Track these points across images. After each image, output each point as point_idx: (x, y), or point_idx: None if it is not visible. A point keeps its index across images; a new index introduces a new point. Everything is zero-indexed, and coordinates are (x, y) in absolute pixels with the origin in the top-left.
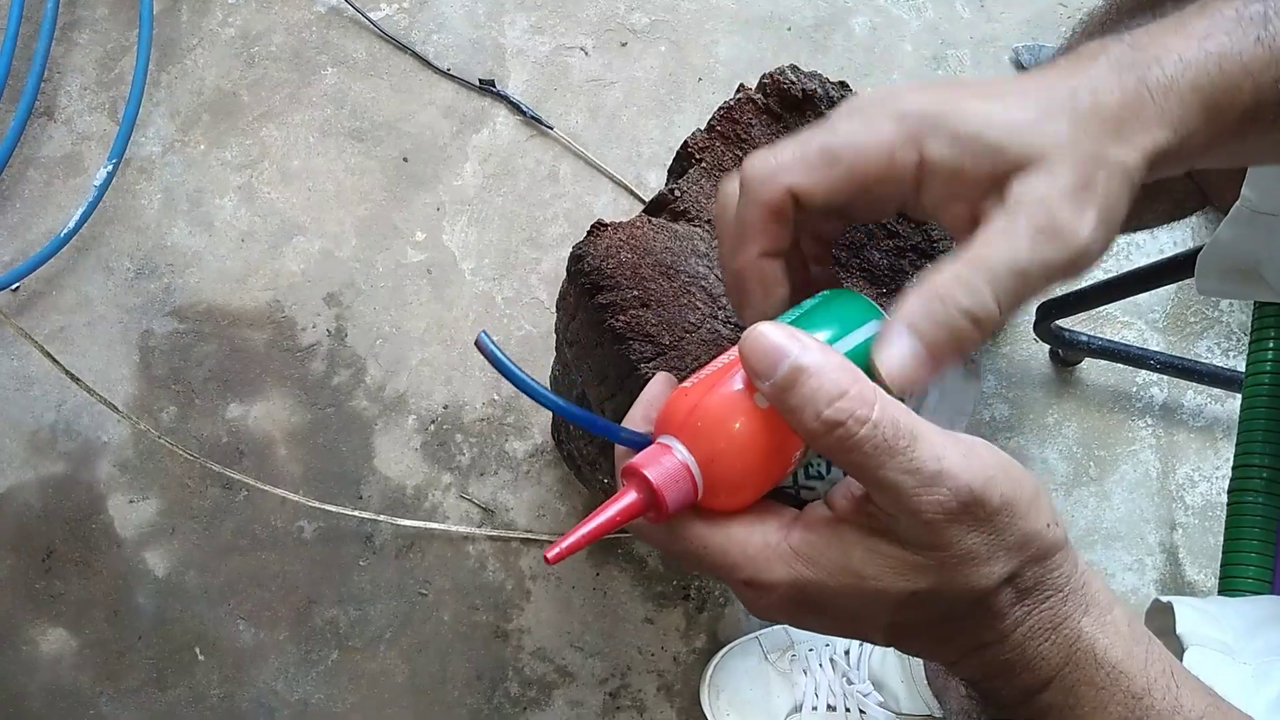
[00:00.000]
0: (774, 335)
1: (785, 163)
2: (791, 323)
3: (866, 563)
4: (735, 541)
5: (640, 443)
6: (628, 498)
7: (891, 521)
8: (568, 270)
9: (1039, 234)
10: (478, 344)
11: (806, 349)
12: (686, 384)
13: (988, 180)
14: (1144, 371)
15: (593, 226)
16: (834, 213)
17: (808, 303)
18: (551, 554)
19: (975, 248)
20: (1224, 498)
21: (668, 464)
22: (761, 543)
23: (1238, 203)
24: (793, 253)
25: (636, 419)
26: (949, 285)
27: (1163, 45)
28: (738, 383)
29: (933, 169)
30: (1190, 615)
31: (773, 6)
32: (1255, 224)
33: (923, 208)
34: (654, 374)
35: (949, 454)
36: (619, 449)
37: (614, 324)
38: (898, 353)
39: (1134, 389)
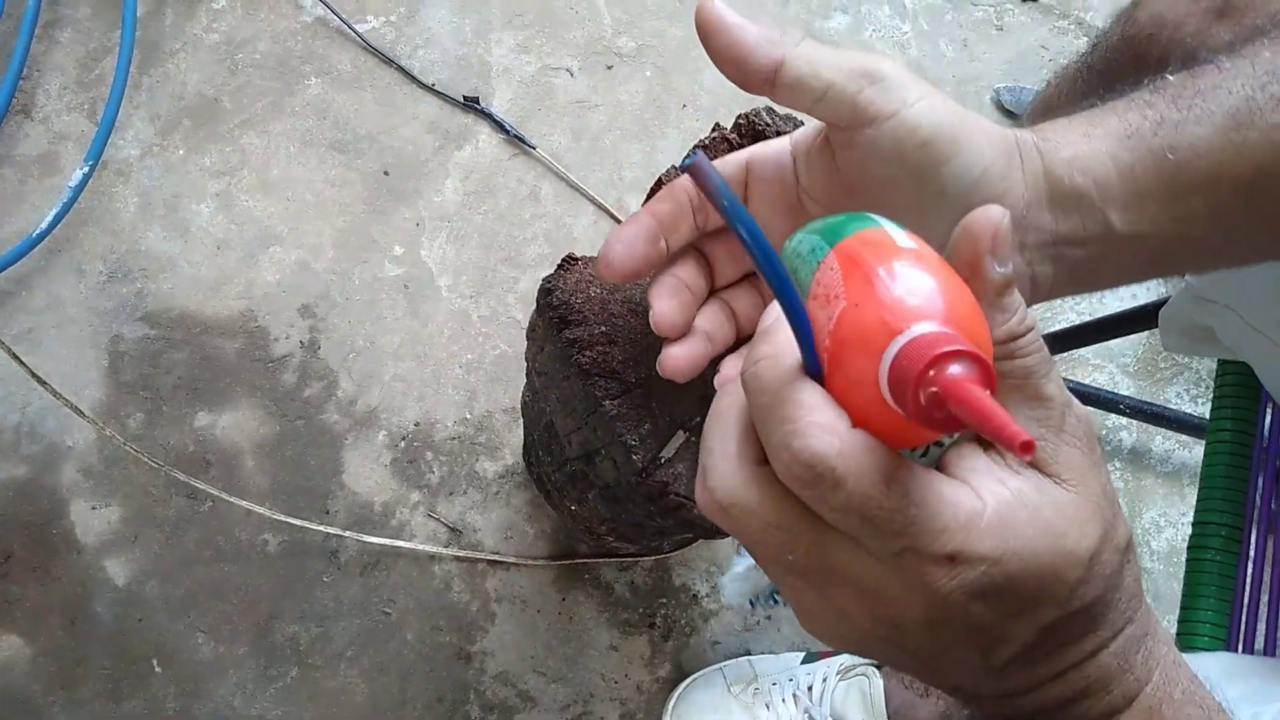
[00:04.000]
0: None
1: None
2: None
3: (1055, 516)
4: (947, 501)
5: (811, 365)
6: (971, 376)
7: (1043, 448)
8: (537, 302)
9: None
10: (691, 168)
11: None
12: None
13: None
14: (1114, 415)
15: (564, 260)
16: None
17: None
18: (1024, 440)
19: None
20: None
21: (972, 346)
22: (971, 508)
23: (1183, 285)
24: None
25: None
26: None
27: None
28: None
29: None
30: None
31: None
32: (1200, 305)
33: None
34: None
35: (1063, 385)
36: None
37: (580, 359)
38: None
39: (1104, 432)
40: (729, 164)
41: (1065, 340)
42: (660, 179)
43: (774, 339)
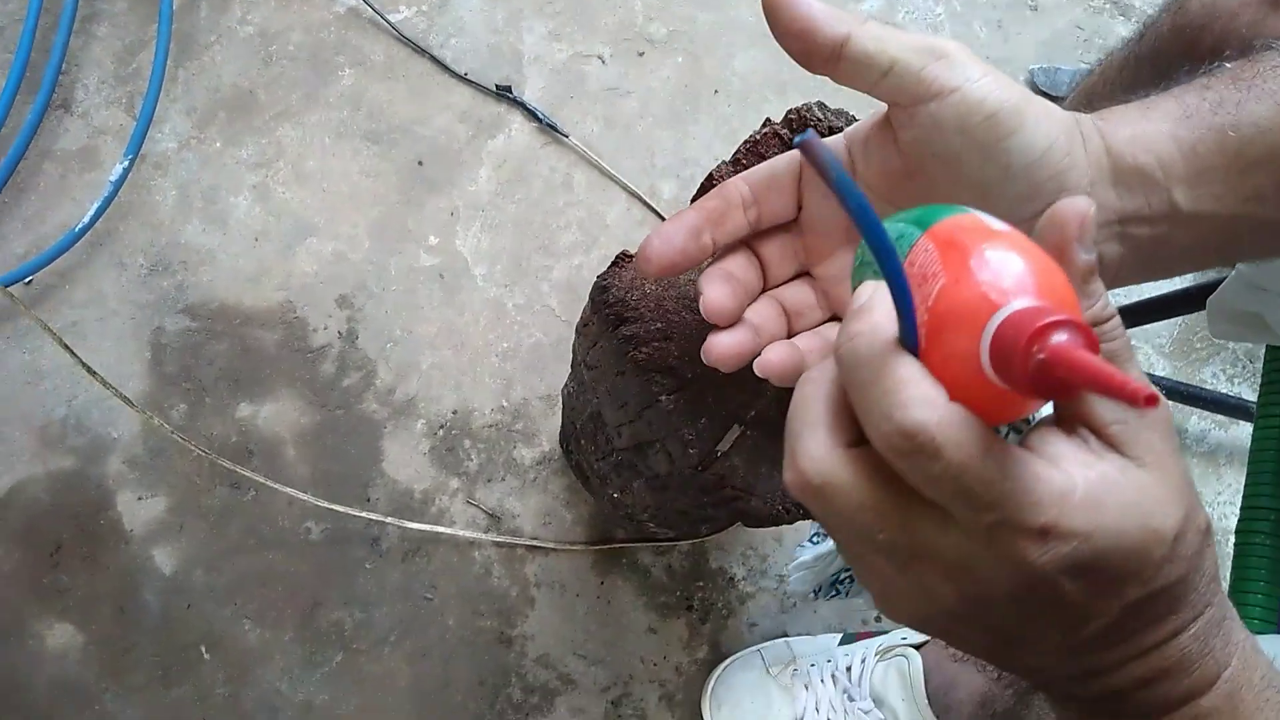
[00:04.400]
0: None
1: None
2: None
3: (1140, 496)
4: (1041, 477)
5: (909, 339)
6: (1078, 342)
7: (1124, 430)
8: (591, 299)
9: None
10: (804, 145)
11: None
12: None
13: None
14: None
15: (618, 257)
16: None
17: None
18: (1148, 393)
19: None
20: (1226, 523)
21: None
22: (1064, 484)
23: (1233, 272)
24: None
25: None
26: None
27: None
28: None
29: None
30: None
31: None
32: (1252, 292)
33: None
34: (672, 404)
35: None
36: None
37: (636, 355)
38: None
39: None
40: (779, 167)
41: None
42: (711, 175)
43: (869, 316)
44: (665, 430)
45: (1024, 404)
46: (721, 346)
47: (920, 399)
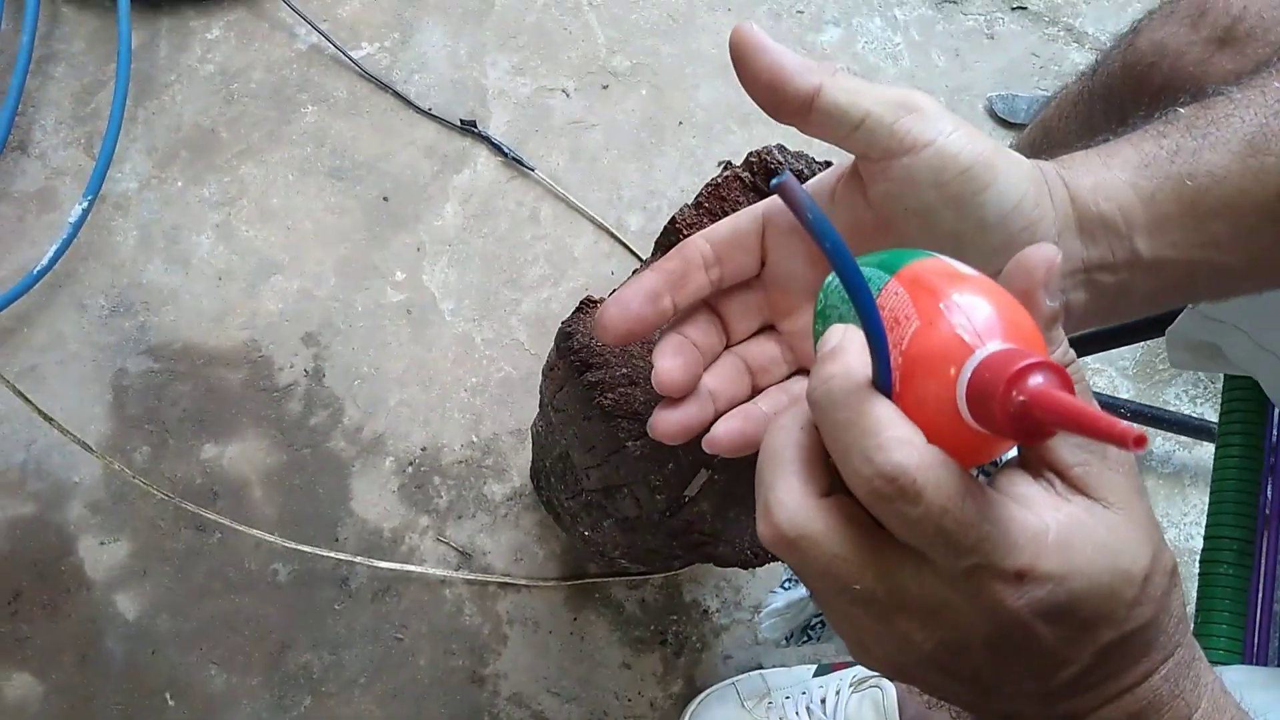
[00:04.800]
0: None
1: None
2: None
3: (1108, 537)
4: (1015, 519)
5: (884, 382)
6: (1056, 385)
7: (1088, 471)
8: (557, 346)
9: None
10: (780, 187)
11: None
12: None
13: None
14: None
15: (581, 303)
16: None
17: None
18: (1136, 434)
19: None
20: (1192, 543)
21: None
22: (1038, 526)
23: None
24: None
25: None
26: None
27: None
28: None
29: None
30: None
31: None
32: (1207, 323)
33: None
34: (639, 449)
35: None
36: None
37: (603, 401)
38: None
39: None
40: (742, 223)
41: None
42: (674, 218)
43: (842, 358)
44: (633, 475)
45: (996, 446)
46: (665, 423)
47: (900, 441)
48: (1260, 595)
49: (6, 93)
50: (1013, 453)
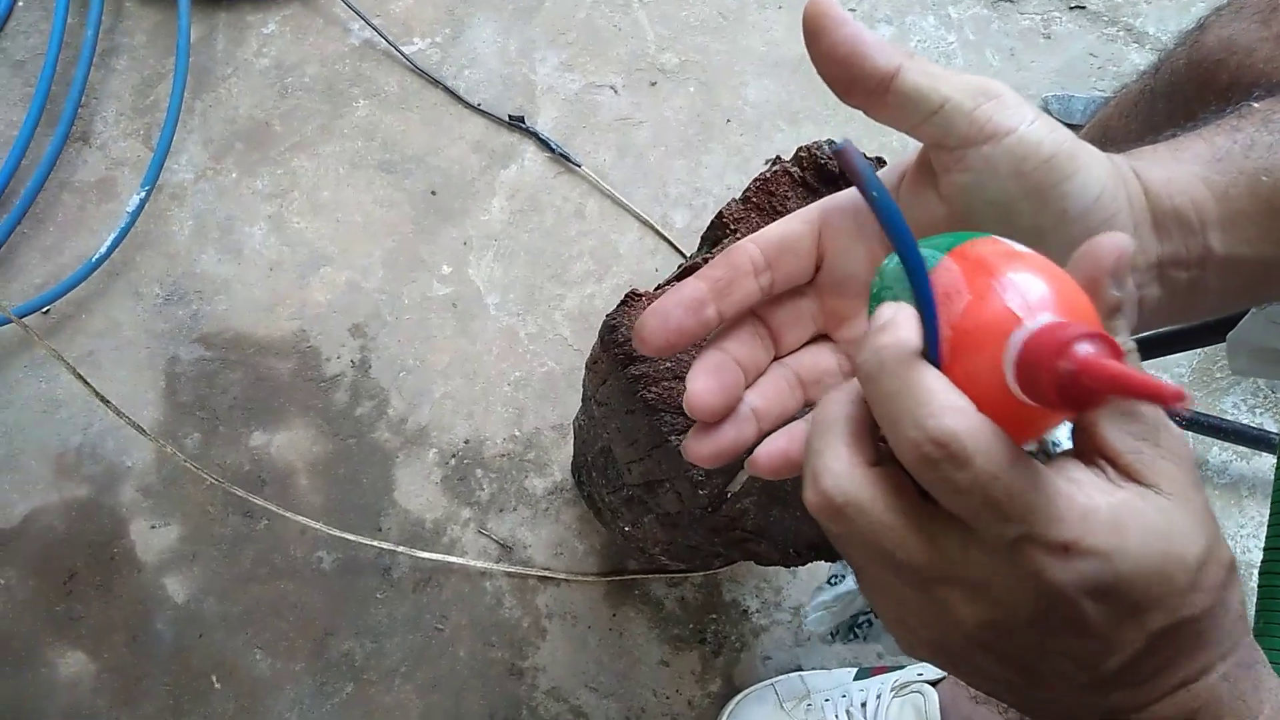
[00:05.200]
0: None
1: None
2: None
3: (1160, 521)
4: (1062, 493)
5: (933, 353)
6: (1107, 354)
7: (1140, 459)
8: (601, 339)
9: None
10: (840, 153)
11: None
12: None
13: None
14: None
15: (627, 296)
16: None
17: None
18: (1175, 390)
19: None
20: (1249, 556)
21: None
22: (1088, 502)
23: (1254, 308)
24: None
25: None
26: None
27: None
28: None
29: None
30: None
31: (803, 50)
32: (1274, 327)
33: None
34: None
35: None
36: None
37: (646, 395)
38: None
39: None
40: (794, 227)
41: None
42: (721, 213)
43: (895, 330)
44: (675, 470)
45: (1045, 421)
46: (697, 449)
47: (951, 407)
48: None
49: (70, 84)
50: (1067, 444)
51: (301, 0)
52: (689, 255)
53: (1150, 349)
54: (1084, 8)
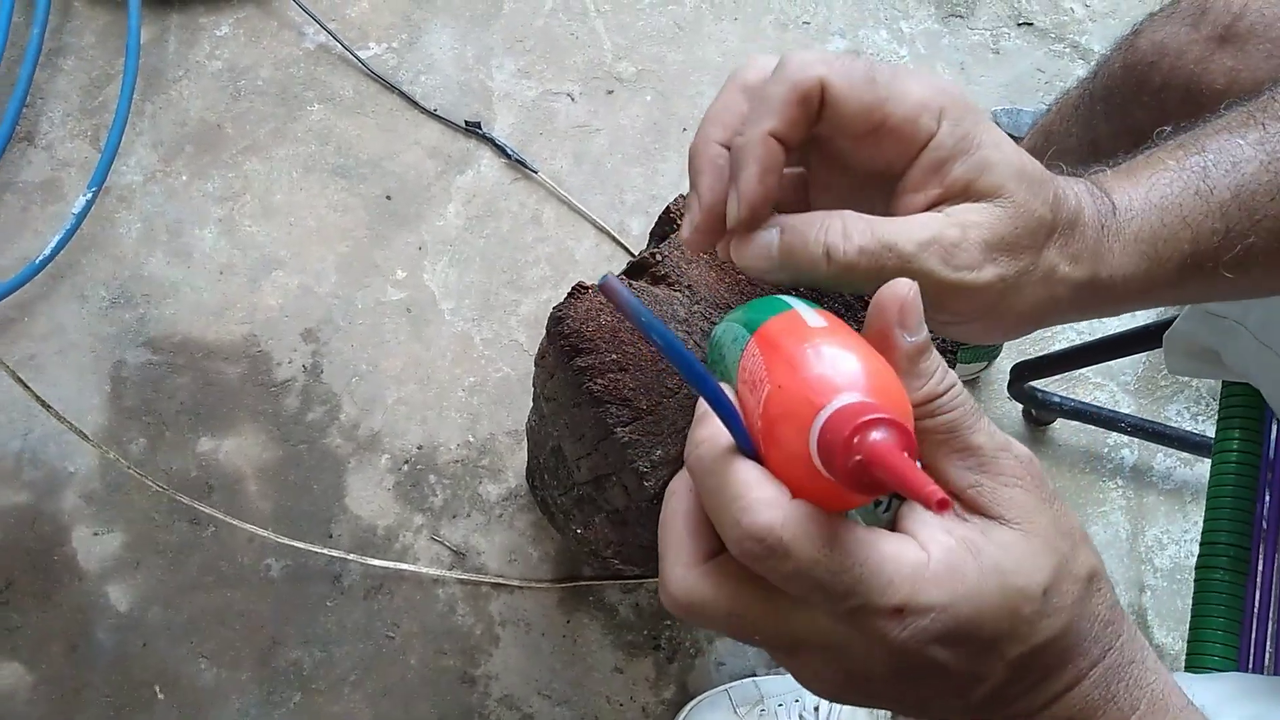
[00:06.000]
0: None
1: (826, 59)
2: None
3: (1001, 557)
4: (888, 557)
5: (745, 446)
6: (891, 441)
7: (980, 493)
8: (547, 330)
9: (935, 243)
10: (605, 288)
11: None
12: (821, 350)
13: (961, 185)
14: (1115, 433)
15: (574, 288)
16: (843, 148)
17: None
18: (940, 498)
19: (884, 216)
20: (1192, 561)
21: (889, 412)
22: (915, 560)
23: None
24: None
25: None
26: (834, 218)
27: (1114, 189)
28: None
29: (936, 145)
30: None
31: None
32: (1209, 322)
33: (903, 181)
34: (627, 436)
35: (996, 431)
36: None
37: (592, 387)
38: (762, 235)
39: (1105, 450)
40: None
41: (1066, 360)
42: (669, 208)
43: (711, 422)
44: (621, 462)
45: (859, 496)
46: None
47: (764, 502)
48: (1256, 604)
49: (15, 84)
50: None
51: (256, 3)
52: (637, 253)
53: (1095, 356)
54: (1032, 25)
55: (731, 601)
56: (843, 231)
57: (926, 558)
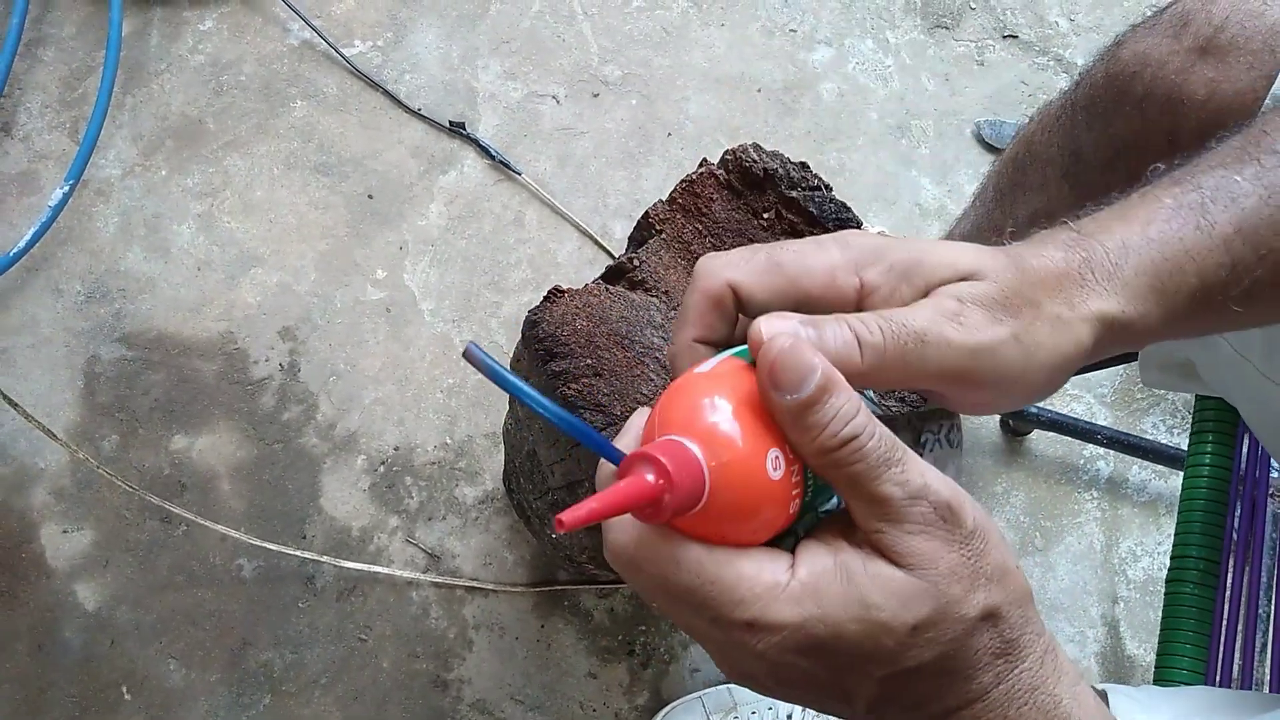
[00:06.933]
0: (806, 349)
1: (731, 260)
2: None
3: (871, 590)
4: (744, 576)
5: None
6: (638, 478)
7: (881, 538)
8: (523, 334)
9: (940, 314)
10: (468, 355)
11: (826, 362)
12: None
13: (925, 292)
14: (1091, 445)
15: (550, 292)
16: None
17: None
18: (567, 517)
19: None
20: (1164, 573)
21: (680, 453)
22: (771, 580)
23: None
24: None
25: (627, 445)
26: (847, 318)
27: (1106, 230)
28: (739, 390)
29: (870, 290)
30: (1125, 704)
31: (744, 68)
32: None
33: None
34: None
35: (929, 473)
36: (603, 467)
37: (566, 392)
38: (780, 322)
39: (1081, 461)
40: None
41: None
42: (647, 213)
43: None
44: (594, 468)
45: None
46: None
47: (617, 525)
48: (1225, 617)
49: None
50: (835, 505)
51: None
52: (616, 256)
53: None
54: (1016, 37)
55: (651, 590)
56: (863, 323)
57: (788, 578)
